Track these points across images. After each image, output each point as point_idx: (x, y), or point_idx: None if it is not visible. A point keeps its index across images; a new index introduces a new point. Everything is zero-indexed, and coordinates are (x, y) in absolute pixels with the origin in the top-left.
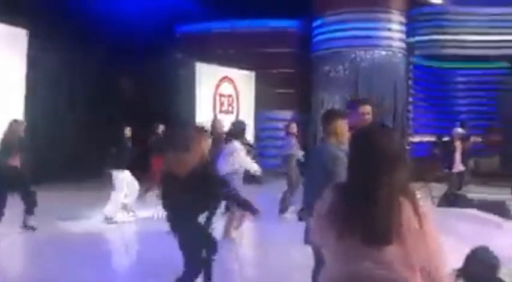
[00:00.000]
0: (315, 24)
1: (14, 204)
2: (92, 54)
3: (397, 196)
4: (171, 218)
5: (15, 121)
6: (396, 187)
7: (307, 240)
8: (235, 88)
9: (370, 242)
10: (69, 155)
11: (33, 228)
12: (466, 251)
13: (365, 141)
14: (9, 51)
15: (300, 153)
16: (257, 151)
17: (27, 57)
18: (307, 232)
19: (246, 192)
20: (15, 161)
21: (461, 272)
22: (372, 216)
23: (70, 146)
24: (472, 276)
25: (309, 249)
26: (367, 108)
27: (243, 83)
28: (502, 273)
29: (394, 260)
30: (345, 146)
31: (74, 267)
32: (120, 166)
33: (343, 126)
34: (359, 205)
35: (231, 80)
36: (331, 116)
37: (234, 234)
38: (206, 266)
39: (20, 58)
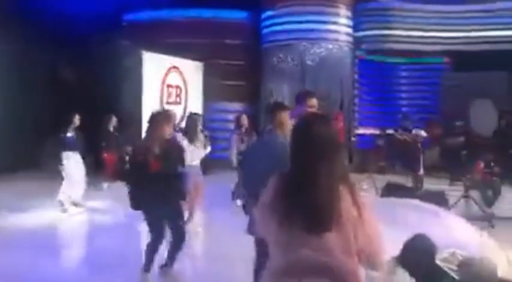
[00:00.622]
0: (264, 16)
1: None
2: (35, 44)
3: (337, 184)
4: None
5: None
6: (335, 175)
7: (250, 231)
8: (183, 79)
9: (310, 230)
10: (16, 145)
11: None
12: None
13: (304, 130)
14: None
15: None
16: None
17: None
18: (251, 223)
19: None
20: None
21: (399, 259)
22: (312, 203)
23: (16, 136)
24: (409, 263)
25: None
26: (313, 101)
27: (191, 73)
28: (438, 259)
29: (334, 247)
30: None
31: (25, 262)
32: (71, 148)
33: (286, 118)
34: (299, 193)
35: (179, 70)
36: (276, 108)
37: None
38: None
39: None
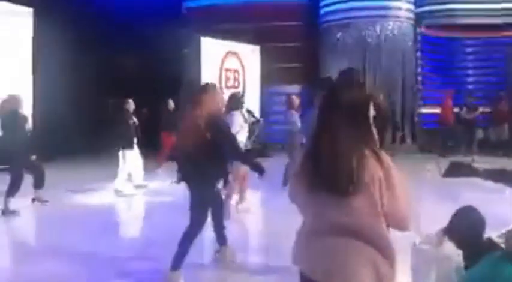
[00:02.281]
0: None
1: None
2: (97, 31)
3: (360, 148)
4: (189, 180)
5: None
6: (357, 139)
7: None
8: (240, 63)
9: (333, 193)
10: (78, 131)
11: (44, 201)
12: None
13: (328, 95)
14: (15, 29)
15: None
16: (263, 124)
17: (33, 34)
18: None
19: None
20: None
21: (446, 231)
22: (331, 168)
23: (78, 122)
24: (456, 234)
25: None
26: None
27: (248, 57)
28: (494, 236)
29: (357, 209)
30: None
31: (86, 238)
32: (127, 146)
33: None
34: (321, 158)
35: (236, 55)
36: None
37: (240, 206)
38: (220, 230)
39: (26, 36)
